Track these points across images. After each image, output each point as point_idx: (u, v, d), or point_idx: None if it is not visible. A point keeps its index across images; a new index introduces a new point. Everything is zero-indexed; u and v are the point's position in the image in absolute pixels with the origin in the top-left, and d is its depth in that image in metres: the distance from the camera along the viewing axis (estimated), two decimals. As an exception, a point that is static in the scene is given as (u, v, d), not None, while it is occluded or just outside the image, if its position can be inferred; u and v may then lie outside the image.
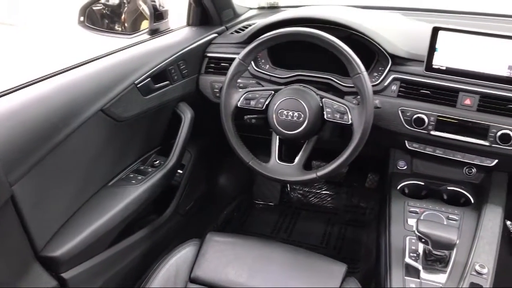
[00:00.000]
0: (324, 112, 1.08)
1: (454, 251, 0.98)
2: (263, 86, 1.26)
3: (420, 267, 0.96)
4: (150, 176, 1.20)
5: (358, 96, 1.05)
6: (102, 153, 1.11)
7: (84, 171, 1.05)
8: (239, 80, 1.19)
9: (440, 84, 1.12)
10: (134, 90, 1.15)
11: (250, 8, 1.74)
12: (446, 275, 0.94)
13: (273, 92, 1.13)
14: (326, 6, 1.38)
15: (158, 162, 1.28)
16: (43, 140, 0.90)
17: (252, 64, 1.28)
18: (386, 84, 1.17)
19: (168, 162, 1.26)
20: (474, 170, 1.23)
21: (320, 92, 1.11)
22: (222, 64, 1.36)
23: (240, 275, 1.01)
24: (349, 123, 1.05)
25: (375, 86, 1.16)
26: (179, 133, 1.29)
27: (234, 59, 1.12)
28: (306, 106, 1.07)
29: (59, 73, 1.04)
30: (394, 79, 1.16)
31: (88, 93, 1.03)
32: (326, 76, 1.22)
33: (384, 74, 1.17)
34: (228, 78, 1.13)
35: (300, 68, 1.26)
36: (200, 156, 1.53)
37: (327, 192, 1.95)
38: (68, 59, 1.11)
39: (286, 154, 1.18)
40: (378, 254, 1.11)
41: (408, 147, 1.23)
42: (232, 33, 1.46)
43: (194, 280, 1.02)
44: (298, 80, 1.23)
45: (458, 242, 0.90)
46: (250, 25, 1.43)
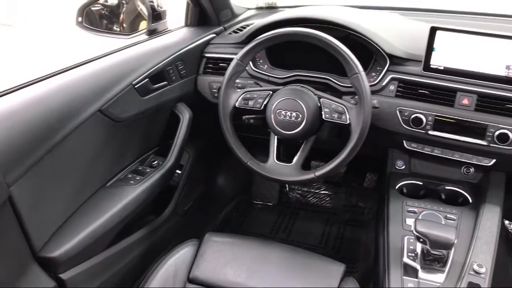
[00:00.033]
0: (322, 112, 1.08)
1: (452, 250, 0.98)
2: (261, 86, 1.26)
3: (418, 267, 0.96)
4: (148, 176, 1.20)
5: (356, 96, 1.05)
6: (100, 153, 1.11)
7: (82, 171, 1.05)
8: (237, 80, 1.19)
9: (438, 84, 1.12)
10: (132, 91, 1.15)
11: (248, 9, 1.74)
12: (444, 274, 0.94)
13: (271, 92, 1.13)
14: (324, 6, 1.38)
15: (156, 162, 1.28)
16: (41, 140, 0.90)
17: (250, 64, 1.28)
18: (384, 84, 1.17)
19: (166, 162, 1.26)
20: (472, 170, 1.23)
21: (318, 92, 1.11)
22: (220, 64, 1.36)
23: (239, 275, 1.01)
24: (347, 123, 1.05)
25: (373, 86, 1.16)
26: (178, 133, 1.29)
27: (232, 60, 1.12)
28: (304, 106, 1.07)
29: (57, 73, 1.04)
30: (392, 79, 1.16)
31: (86, 93, 1.03)
32: (324, 76, 1.22)
33: (382, 74, 1.17)
34: (226, 79, 1.13)
35: (298, 68, 1.26)
36: (199, 157, 1.53)
37: (326, 192, 1.95)
38: (66, 59, 1.11)
39: (284, 154, 1.18)
40: (377, 254, 1.11)
41: (406, 147, 1.23)
42: (230, 33, 1.46)
43: (192, 280, 1.02)
44: (296, 80, 1.23)
45: (456, 241, 0.90)
46: (248, 25, 1.43)
